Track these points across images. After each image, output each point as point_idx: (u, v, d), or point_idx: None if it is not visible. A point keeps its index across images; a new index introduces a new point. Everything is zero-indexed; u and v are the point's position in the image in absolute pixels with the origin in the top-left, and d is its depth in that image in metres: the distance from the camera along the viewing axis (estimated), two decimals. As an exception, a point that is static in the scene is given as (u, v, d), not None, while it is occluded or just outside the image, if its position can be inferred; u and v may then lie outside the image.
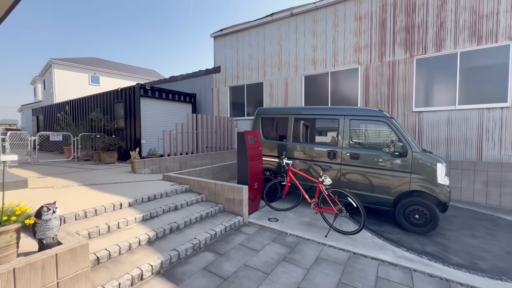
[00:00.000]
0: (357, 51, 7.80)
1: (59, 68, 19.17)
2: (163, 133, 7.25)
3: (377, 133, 4.42)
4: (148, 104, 9.30)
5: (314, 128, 5.10)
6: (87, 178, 5.71)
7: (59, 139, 8.75)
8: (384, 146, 4.28)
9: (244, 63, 10.33)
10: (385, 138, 4.30)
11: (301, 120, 5.12)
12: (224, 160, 9.17)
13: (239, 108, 10.64)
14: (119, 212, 3.61)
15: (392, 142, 4.14)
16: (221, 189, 4.47)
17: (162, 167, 6.85)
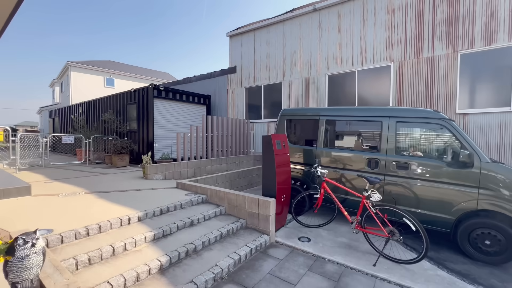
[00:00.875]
0: (389, 47, 7.05)
1: (75, 70, 19.38)
2: (177, 136, 6.76)
3: (431, 138, 3.69)
4: (162, 105, 8.89)
5: (350, 132, 4.42)
6: (96, 184, 5.26)
7: (71, 141, 8.48)
8: (441, 154, 3.54)
9: (261, 63, 9.77)
10: (442, 144, 3.56)
11: (334, 123, 4.45)
12: (240, 166, 8.59)
13: (256, 110, 10.06)
14: (126, 229, 3.07)
15: (452, 149, 3.40)
16: (243, 202, 3.86)
17: (175, 173, 6.35)
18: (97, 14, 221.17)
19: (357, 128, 4.32)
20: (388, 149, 3.82)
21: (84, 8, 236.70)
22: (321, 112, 4.55)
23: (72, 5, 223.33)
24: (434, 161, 3.48)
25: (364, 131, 4.28)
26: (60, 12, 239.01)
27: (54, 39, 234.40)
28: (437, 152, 3.61)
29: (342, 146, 4.41)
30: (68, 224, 2.91)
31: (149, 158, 5.99)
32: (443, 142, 3.56)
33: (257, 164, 9.25)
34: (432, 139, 3.65)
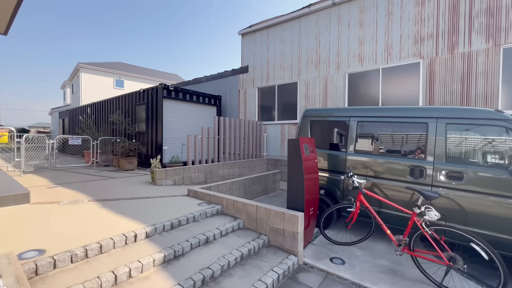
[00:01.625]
0: (418, 42, 6.44)
1: (85, 72, 19.39)
2: (187, 138, 6.33)
3: (493, 143, 3.10)
4: (171, 106, 8.51)
5: (387, 136, 3.85)
6: (101, 190, 4.86)
7: (78, 142, 8.18)
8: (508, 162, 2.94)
9: (275, 62, 9.29)
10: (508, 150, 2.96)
11: (368, 125, 3.90)
12: (253, 170, 8.09)
13: (268, 112, 9.57)
14: (132, 248, 2.61)
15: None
16: (265, 215, 3.35)
17: (185, 178, 5.90)
18: (107, 19, 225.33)
19: (395, 131, 3.75)
20: (436, 156, 3.24)
21: (94, 13, 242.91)
22: (353, 112, 4.01)
23: (84, 10, 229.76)
24: (499, 170, 2.89)
25: (405, 135, 3.70)
26: (73, 16, 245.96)
27: (69, 42, 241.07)
28: (500, 159, 3.01)
29: (377, 151, 3.84)
30: (65, 242, 2.47)
31: (158, 162, 5.56)
32: (505, 147, 2.95)
33: (270, 168, 8.72)
34: (493, 144, 3.06)
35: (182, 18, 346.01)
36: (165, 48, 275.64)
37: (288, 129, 8.87)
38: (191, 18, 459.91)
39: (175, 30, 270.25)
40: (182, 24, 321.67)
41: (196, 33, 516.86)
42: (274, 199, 6.11)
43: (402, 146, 3.67)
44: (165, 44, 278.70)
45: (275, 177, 6.88)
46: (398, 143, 3.77)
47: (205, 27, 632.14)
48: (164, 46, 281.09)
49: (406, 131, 3.66)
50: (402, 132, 3.72)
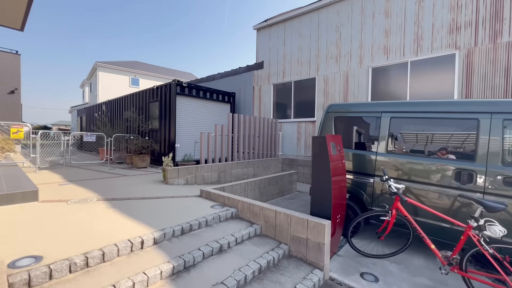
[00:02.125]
0: (454, 31, 5.81)
1: (103, 70, 19.78)
2: (200, 136, 6.07)
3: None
4: (184, 103, 8.31)
5: (426, 134, 3.36)
6: (111, 188, 4.68)
7: (92, 139, 8.16)
8: None
9: (292, 57, 8.86)
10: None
11: (403, 121, 3.43)
12: (268, 170, 7.73)
13: (284, 109, 9.16)
14: (138, 257, 2.33)
15: None
16: (286, 221, 2.99)
17: (198, 177, 5.63)
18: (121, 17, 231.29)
19: (436, 128, 3.26)
20: (490, 158, 2.73)
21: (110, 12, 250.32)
22: (385, 107, 3.54)
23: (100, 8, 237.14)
24: None
25: (448, 133, 3.20)
26: (86, 14, 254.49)
27: (89, 41, 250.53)
28: None
29: (413, 152, 3.37)
30: (65, 247, 2.23)
31: (170, 160, 5.33)
32: None
33: (286, 168, 8.33)
34: None
35: (194, 17, 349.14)
36: (178, 48, 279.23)
37: (305, 128, 8.43)
38: (203, 17, 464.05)
39: (188, 29, 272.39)
40: (194, 23, 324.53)
41: (209, 33, 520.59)
42: (291, 201, 5.72)
43: (446, 146, 3.17)
44: (179, 44, 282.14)
45: (292, 177, 6.49)
46: (439, 142, 3.28)
47: (218, 26, 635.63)
48: (177, 46, 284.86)
49: (450, 128, 3.16)
50: (444, 130, 3.22)
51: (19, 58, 12.47)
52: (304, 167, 7.89)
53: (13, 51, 12.20)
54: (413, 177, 3.20)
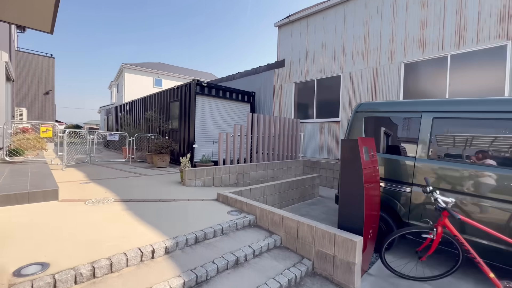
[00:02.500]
0: (506, 19, 5.08)
1: (128, 72, 20.58)
2: (219, 136, 5.90)
3: None
4: (204, 102, 8.23)
5: (477, 137, 2.86)
6: (129, 188, 4.64)
7: (115, 138, 8.36)
8: None
9: (315, 54, 8.43)
10: None
11: (448, 122, 2.95)
12: (288, 172, 7.40)
13: (306, 109, 8.75)
14: (148, 267, 2.15)
15: None
16: (309, 234, 2.66)
17: (216, 179, 5.46)
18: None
19: (491, 130, 2.75)
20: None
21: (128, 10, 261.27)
22: (427, 106, 3.08)
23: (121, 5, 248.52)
24: None
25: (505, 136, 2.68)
26: (108, 11, 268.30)
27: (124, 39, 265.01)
28: None
29: (461, 158, 2.88)
30: (74, 254, 2.11)
31: (187, 161, 5.21)
32: None
33: (307, 171, 7.93)
34: None
35: (212, 17, 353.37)
36: (195, 46, 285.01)
37: (328, 128, 7.97)
38: (222, 16, 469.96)
39: (206, 28, 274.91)
40: (213, 22, 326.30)
41: (229, 32, 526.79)
42: (313, 207, 5.35)
43: (504, 152, 2.66)
44: (196, 42, 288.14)
45: (314, 181, 6.10)
46: (497, 147, 2.76)
47: (239, 24, 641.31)
48: (194, 44, 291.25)
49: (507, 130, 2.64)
50: (501, 133, 2.70)
51: (53, 61, 13.27)
52: (327, 170, 7.44)
53: (48, 54, 13.00)
54: (463, 189, 2.72)
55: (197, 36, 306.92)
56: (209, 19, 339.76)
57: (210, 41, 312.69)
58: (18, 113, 8.71)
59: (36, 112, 12.51)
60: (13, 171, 4.86)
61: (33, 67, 12.40)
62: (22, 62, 11.96)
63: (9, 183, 3.81)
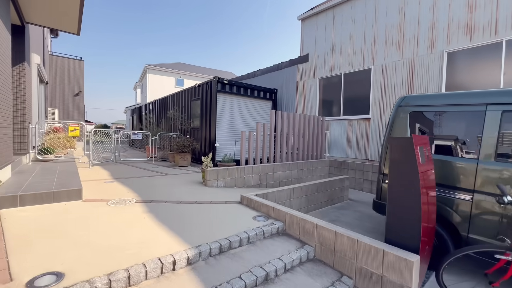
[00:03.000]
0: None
1: (152, 73, 21.14)
2: (241, 135, 5.64)
3: None
4: (225, 100, 8.04)
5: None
6: (151, 188, 4.53)
7: (139, 137, 8.47)
8: None
9: (342, 46, 7.88)
10: None
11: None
12: (313, 173, 6.98)
13: (332, 105, 8.23)
14: (168, 281, 1.92)
15: None
16: (350, 247, 2.29)
17: (238, 179, 5.22)
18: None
19: None
20: None
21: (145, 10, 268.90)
22: (493, 97, 2.55)
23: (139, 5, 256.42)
24: None
25: None
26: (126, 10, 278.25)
27: (136, 40, 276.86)
28: None
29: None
30: (91, 262, 1.94)
31: (209, 161, 5.01)
32: None
33: (333, 172, 7.44)
34: None
35: (230, 15, 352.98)
36: (215, 45, 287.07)
37: (356, 126, 7.41)
38: (239, 14, 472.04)
39: (223, 27, 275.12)
40: (229, 22, 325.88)
41: (248, 29, 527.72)
42: (344, 212, 4.91)
43: None
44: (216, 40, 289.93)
45: (343, 184, 5.64)
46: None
47: (258, 23, 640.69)
48: (214, 42, 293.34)
49: None
50: None
51: (82, 64, 13.89)
52: (356, 171, 6.91)
53: (78, 57, 13.62)
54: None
55: (215, 37, 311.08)
56: (225, 19, 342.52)
57: (229, 41, 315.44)
58: (50, 113, 9.13)
59: (68, 112, 13.14)
60: (43, 169, 4.98)
61: (64, 69, 13.04)
62: (55, 65, 12.62)
63: (37, 182, 3.84)
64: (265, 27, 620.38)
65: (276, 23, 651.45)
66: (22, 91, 5.56)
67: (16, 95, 5.49)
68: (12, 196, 3.15)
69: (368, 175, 6.64)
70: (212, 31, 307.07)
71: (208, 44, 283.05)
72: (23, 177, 4.18)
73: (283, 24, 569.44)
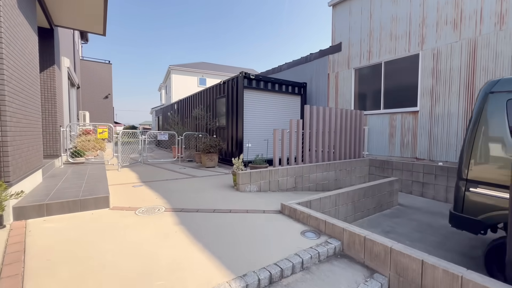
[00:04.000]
0: None
1: (175, 73, 21.37)
2: (273, 134, 5.12)
3: None
4: (252, 97, 7.57)
5: None
6: (181, 193, 4.20)
7: (165, 138, 8.32)
8: None
9: (382, 31, 7.01)
10: None
11: None
12: (351, 174, 6.28)
13: (370, 98, 7.40)
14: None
15: None
16: (448, 284, 1.68)
17: (272, 182, 4.73)
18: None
19: None
20: None
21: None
22: None
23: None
24: None
25: None
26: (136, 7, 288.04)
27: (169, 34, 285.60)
28: None
29: None
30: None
31: (240, 163, 4.57)
32: None
33: (374, 172, 6.66)
34: None
35: (244, 12, 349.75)
36: (231, 43, 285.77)
37: (401, 120, 6.55)
38: (254, 12, 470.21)
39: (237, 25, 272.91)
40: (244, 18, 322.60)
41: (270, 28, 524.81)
42: (397, 220, 4.21)
43: None
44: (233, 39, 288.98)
45: (392, 187, 4.90)
46: None
47: (277, 17, 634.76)
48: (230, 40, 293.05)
49: None
50: None
51: (111, 67, 14.25)
52: (402, 171, 6.08)
53: (106, 61, 13.98)
54: None
55: (229, 34, 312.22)
56: (242, 16, 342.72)
57: (247, 38, 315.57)
58: (82, 116, 9.33)
59: (98, 115, 13.56)
60: (73, 173, 4.88)
61: (94, 73, 13.43)
62: (85, 69, 13.03)
63: (65, 188, 3.66)
64: (284, 24, 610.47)
65: (294, 20, 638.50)
66: (52, 94, 5.53)
67: (47, 98, 5.48)
68: (39, 205, 2.95)
69: (418, 176, 5.79)
70: (225, 29, 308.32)
71: (224, 42, 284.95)
72: (53, 181, 4.05)
73: (300, 20, 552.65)
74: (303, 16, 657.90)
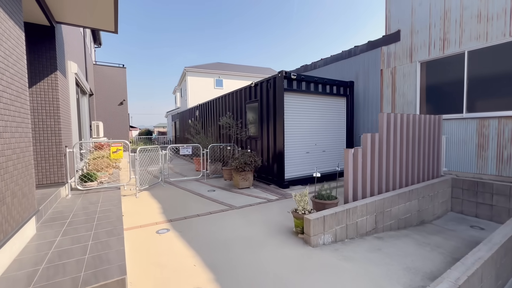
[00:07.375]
0: None
1: (191, 75, 20.34)
2: (345, 155, 3.70)
3: None
4: (293, 101, 6.20)
5: None
6: (228, 251, 2.89)
7: (188, 152, 7.10)
8: None
9: (464, 11, 5.41)
10: None
11: None
12: (434, 200, 4.77)
13: (444, 99, 5.82)
14: None
15: None
16: None
17: (349, 226, 3.33)
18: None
19: None
20: None
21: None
22: None
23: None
24: None
25: None
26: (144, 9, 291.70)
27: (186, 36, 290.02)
28: None
29: None
30: None
31: (307, 201, 3.20)
32: None
33: (460, 196, 5.11)
34: None
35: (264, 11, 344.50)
36: (243, 41, 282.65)
37: (496, 127, 4.95)
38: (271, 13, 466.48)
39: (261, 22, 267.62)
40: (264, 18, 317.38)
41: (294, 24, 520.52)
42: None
43: None
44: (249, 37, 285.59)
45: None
46: None
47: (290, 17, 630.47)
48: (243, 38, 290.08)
49: None
50: None
51: (125, 71, 13.32)
52: (507, 197, 4.49)
53: (120, 65, 13.05)
54: None
55: (250, 32, 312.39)
56: (262, 14, 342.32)
57: (266, 36, 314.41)
58: (95, 127, 8.31)
59: (113, 123, 12.67)
60: (81, 209, 3.69)
61: (108, 78, 12.54)
62: (98, 75, 12.13)
63: (62, 253, 2.44)
64: (293, 23, 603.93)
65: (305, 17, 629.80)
66: (55, 107, 4.41)
67: (48, 113, 4.35)
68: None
69: (539, 207, 4.19)
70: (241, 27, 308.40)
71: (238, 40, 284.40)
72: (49, 235, 2.86)
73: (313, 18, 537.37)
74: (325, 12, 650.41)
